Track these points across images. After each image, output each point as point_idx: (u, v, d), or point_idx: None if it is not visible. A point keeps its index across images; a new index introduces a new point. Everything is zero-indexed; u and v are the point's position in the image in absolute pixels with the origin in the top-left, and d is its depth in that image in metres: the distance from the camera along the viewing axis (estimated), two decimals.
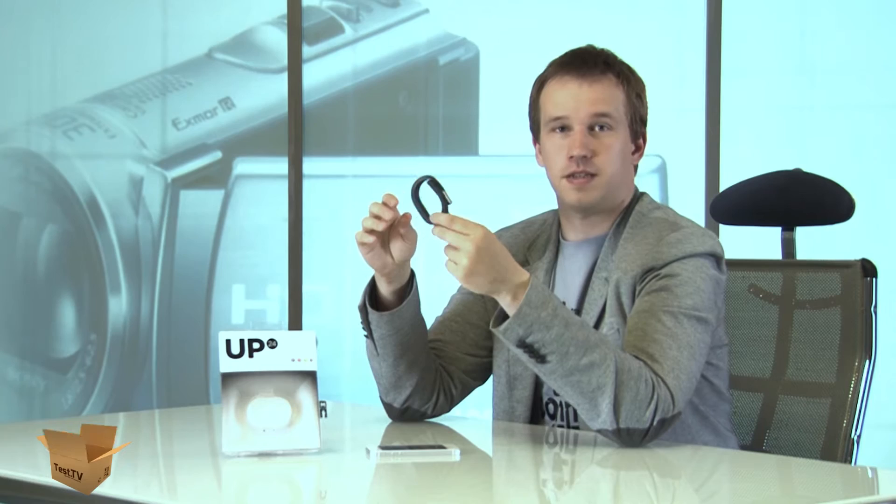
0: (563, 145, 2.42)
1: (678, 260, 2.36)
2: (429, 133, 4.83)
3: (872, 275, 2.61)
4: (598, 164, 2.41)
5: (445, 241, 2.19)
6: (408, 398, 2.48)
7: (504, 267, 2.20)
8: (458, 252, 2.18)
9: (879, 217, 4.36)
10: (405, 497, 1.97)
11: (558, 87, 2.44)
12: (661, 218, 2.45)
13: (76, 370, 4.97)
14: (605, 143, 2.42)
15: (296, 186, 4.82)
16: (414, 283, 2.41)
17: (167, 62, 4.92)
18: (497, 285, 2.19)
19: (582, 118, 2.41)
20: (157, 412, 3.89)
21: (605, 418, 2.20)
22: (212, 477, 2.07)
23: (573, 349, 2.18)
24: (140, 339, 4.93)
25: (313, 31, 4.85)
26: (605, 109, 2.41)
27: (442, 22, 4.83)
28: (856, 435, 2.55)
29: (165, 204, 4.91)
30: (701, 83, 4.48)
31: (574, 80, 2.43)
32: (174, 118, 4.92)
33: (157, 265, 4.92)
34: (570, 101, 2.42)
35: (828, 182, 2.72)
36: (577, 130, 2.41)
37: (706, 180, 4.43)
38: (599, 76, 2.42)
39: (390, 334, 2.41)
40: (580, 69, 2.43)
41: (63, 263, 4.98)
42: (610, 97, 2.42)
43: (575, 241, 2.50)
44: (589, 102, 2.41)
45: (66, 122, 4.95)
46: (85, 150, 4.93)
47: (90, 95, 4.93)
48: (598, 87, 2.42)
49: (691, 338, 2.30)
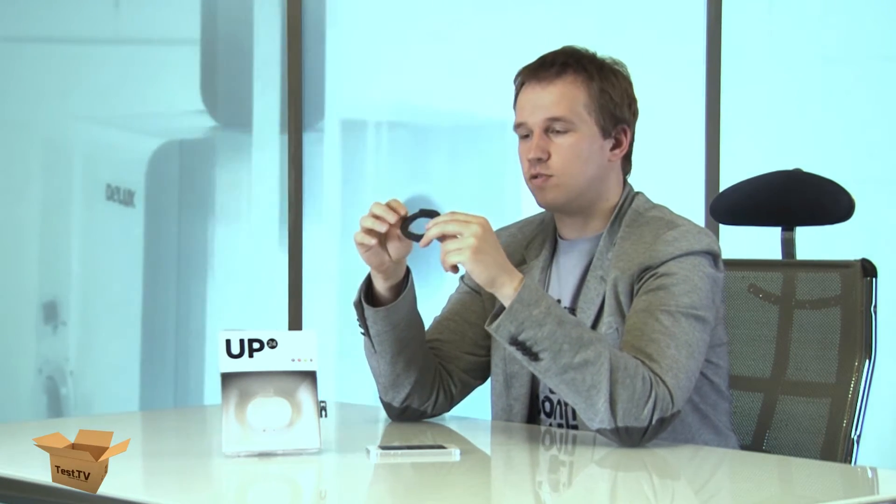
0: (526, 149, 2.45)
1: (675, 258, 2.36)
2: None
3: (872, 275, 2.61)
4: (553, 165, 2.43)
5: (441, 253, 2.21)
6: (407, 397, 2.48)
7: (504, 257, 2.24)
8: (463, 236, 2.20)
9: (879, 217, 4.36)
10: (405, 497, 1.97)
11: (522, 94, 2.47)
12: (657, 217, 2.45)
13: None
14: (559, 145, 2.43)
15: (296, 186, 4.82)
16: (410, 279, 2.42)
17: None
18: (501, 272, 2.21)
19: (537, 122, 2.43)
20: (156, 413, 3.90)
21: (602, 417, 2.20)
22: (212, 477, 2.07)
23: (567, 347, 2.18)
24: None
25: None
26: (557, 113, 2.42)
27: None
28: (856, 435, 2.56)
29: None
30: (701, 83, 4.48)
31: (531, 85, 2.45)
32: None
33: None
34: (528, 106, 2.45)
35: (828, 182, 2.72)
36: (534, 134, 2.44)
37: (706, 180, 4.43)
38: (554, 78, 2.43)
39: (387, 330, 2.41)
40: (537, 73, 2.45)
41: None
42: (563, 98, 2.43)
43: (571, 240, 2.50)
44: (542, 107, 2.43)
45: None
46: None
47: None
48: (552, 89, 2.43)
49: (689, 336, 2.30)
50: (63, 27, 5.00)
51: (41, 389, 5.02)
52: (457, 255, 2.21)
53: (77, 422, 2.52)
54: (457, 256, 2.21)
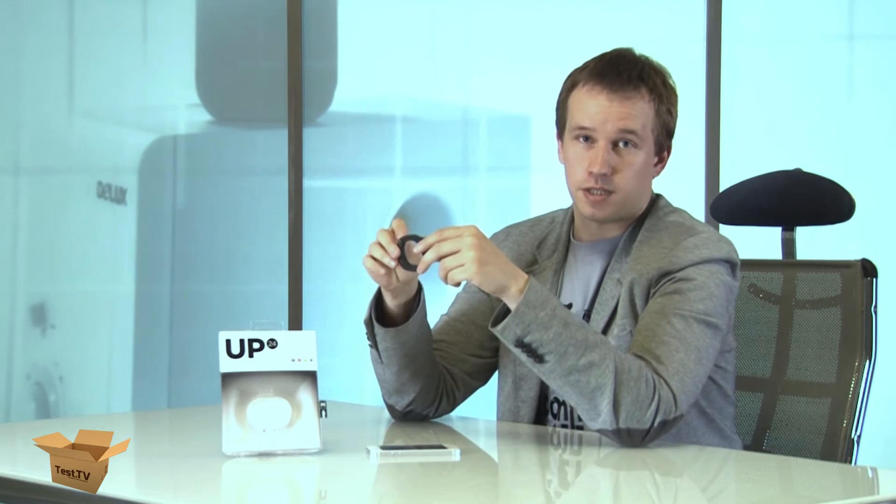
0: (585, 157, 2.40)
1: (694, 265, 2.35)
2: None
3: (872, 275, 2.61)
4: (617, 181, 2.39)
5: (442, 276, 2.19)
6: (411, 402, 2.47)
7: (505, 258, 2.21)
8: (461, 251, 2.16)
9: (879, 217, 4.36)
10: (405, 497, 1.97)
11: (588, 96, 2.40)
12: (677, 222, 2.44)
13: None
14: (626, 161, 2.39)
15: (296, 184, 4.81)
16: (421, 297, 2.38)
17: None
18: (507, 277, 2.17)
19: (608, 133, 2.39)
20: (155, 413, 3.89)
21: (604, 418, 2.19)
22: (212, 477, 2.07)
23: (572, 349, 2.17)
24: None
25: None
26: (631, 127, 2.38)
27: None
28: (856, 435, 2.55)
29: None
30: (701, 83, 4.48)
31: (604, 93, 2.39)
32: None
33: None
34: (599, 113, 2.38)
35: (828, 182, 2.72)
36: (600, 145, 2.39)
37: (706, 180, 4.43)
38: (631, 92, 2.39)
39: (395, 347, 2.40)
40: (612, 82, 2.38)
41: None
42: (639, 114, 2.39)
43: (588, 242, 2.49)
44: (617, 118, 2.38)
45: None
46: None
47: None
48: (629, 104, 2.38)
49: (700, 342, 2.29)
50: (53, 20, 4.93)
51: (29, 396, 4.92)
52: (461, 273, 2.17)
53: (77, 422, 2.51)
54: (461, 274, 2.17)
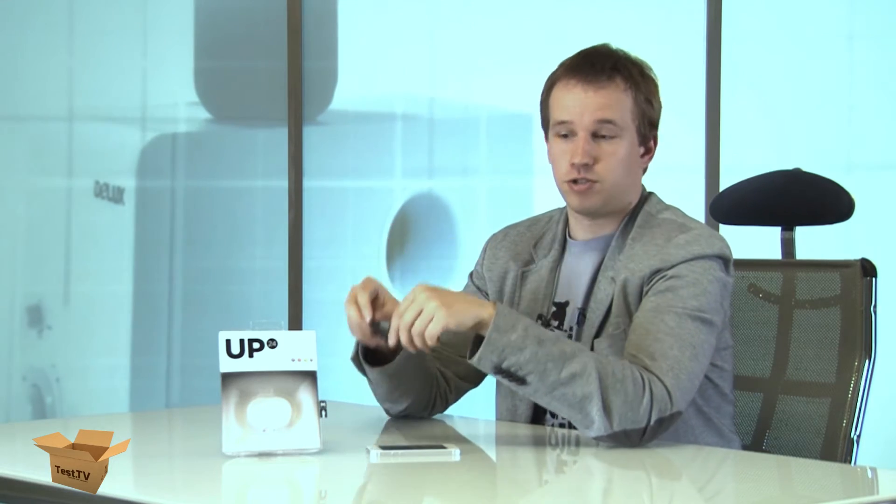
0: (567, 150, 2.42)
1: (686, 262, 2.36)
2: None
3: (872, 275, 2.61)
4: (600, 171, 2.41)
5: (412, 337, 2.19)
6: (405, 409, 2.50)
7: (463, 294, 2.26)
8: (423, 310, 2.17)
9: (879, 217, 4.36)
10: (405, 497, 1.97)
11: (564, 91, 2.43)
12: (669, 219, 2.45)
13: None
14: (607, 151, 2.41)
15: (296, 183, 4.81)
16: None
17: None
18: (476, 307, 2.18)
19: (585, 125, 2.40)
20: (155, 413, 3.89)
21: (598, 425, 2.19)
22: (212, 477, 2.07)
23: (551, 365, 2.17)
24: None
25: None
26: (608, 116, 2.40)
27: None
28: (856, 435, 2.55)
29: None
30: (701, 83, 4.48)
31: (580, 85, 2.41)
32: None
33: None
34: (575, 106, 2.41)
35: (828, 182, 2.72)
36: (580, 137, 2.41)
37: (706, 180, 4.43)
38: (606, 82, 2.41)
39: (383, 380, 2.42)
40: (587, 74, 2.41)
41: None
42: (615, 103, 2.41)
43: (582, 241, 2.49)
44: (593, 109, 2.40)
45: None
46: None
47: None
48: (604, 93, 2.40)
49: (694, 338, 2.29)
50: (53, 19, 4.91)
51: (25, 398, 4.89)
52: (435, 325, 2.17)
53: (76, 422, 2.52)
54: (436, 325, 2.17)
